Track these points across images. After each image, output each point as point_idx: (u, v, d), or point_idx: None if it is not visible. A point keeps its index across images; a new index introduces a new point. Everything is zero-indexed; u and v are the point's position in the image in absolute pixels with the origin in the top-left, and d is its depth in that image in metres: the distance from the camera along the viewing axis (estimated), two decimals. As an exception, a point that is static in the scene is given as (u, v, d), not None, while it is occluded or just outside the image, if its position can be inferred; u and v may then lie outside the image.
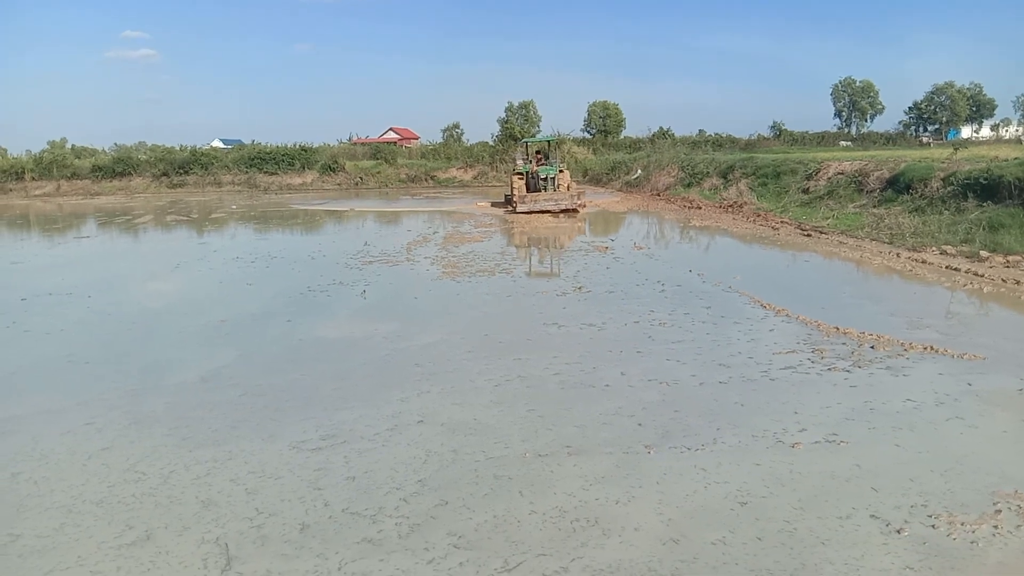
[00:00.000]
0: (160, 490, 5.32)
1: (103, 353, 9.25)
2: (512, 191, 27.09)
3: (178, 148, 52.49)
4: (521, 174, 27.56)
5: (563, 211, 25.41)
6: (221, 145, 69.76)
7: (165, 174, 47.84)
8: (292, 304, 11.68)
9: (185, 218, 29.20)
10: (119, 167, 48.41)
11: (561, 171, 27.53)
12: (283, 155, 49.11)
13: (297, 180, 47.94)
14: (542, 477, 5.43)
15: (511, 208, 26.54)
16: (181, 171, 48.00)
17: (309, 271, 14.88)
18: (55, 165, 48.54)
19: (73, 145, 63.56)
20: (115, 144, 61.64)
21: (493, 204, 30.95)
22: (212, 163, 48.93)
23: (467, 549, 4.48)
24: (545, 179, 26.73)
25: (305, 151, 49.96)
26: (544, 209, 25.33)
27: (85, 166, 49.16)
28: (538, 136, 36.51)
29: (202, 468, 5.67)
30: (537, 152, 29.56)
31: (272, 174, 48.06)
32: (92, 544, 4.61)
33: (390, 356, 8.64)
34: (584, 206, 26.33)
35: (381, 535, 4.66)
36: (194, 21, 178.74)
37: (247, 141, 58.50)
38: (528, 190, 26.68)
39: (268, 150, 50.04)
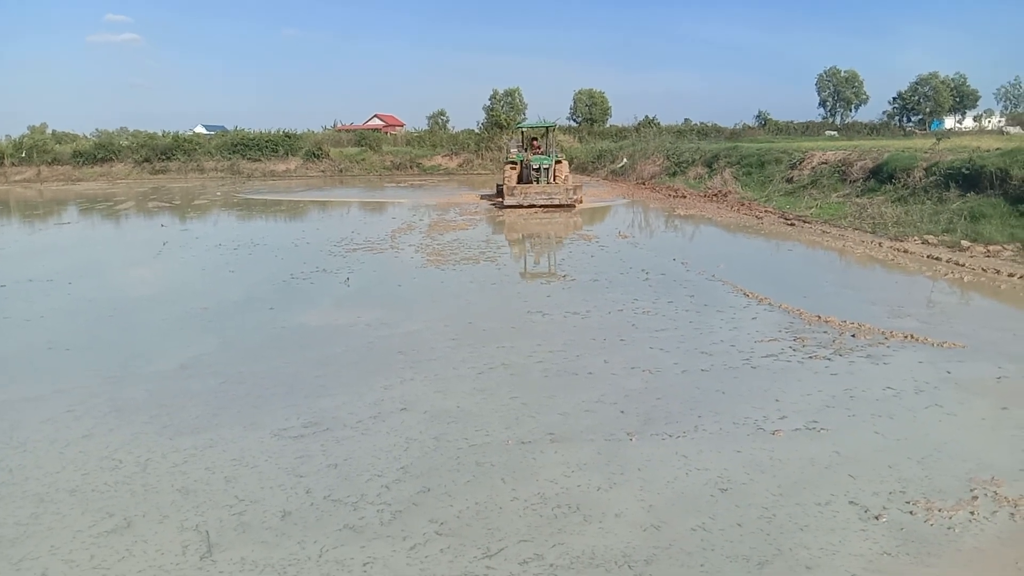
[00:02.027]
0: (139, 478, 5.28)
1: (84, 340, 9.17)
2: (504, 182, 24.77)
3: (160, 134, 51.94)
4: (514, 163, 25.19)
5: (557, 206, 22.96)
6: (204, 131, 69.15)
7: (147, 160, 47.35)
8: (275, 292, 11.60)
9: (167, 204, 28.92)
10: (100, 153, 47.86)
11: (559, 161, 25.01)
12: (267, 141, 48.73)
13: (281, 167, 47.60)
14: (524, 464, 5.43)
15: (501, 200, 24.45)
16: (163, 157, 47.51)
17: (292, 258, 14.79)
18: (35, 150, 47.88)
19: (54, 131, 62.77)
20: (97, 130, 61.07)
21: (482, 197, 28.68)
22: (195, 149, 48.48)
23: (448, 535, 4.48)
24: (538, 169, 23.91)
25: (289, 137, 49.60)
26: (535, 203, 22.95)
27: (66, 152, 48.56)
28: (530, 122, 32.28)
29: (183, 455, 5.63)
30: (533, 139, 26.98)
31: (255, 160, 47.70)
32: (68, 533, 4.57)
33: (373, 344, 8.61)
34: (580, 201, 24.10)
35: (363, 522, 4.65)
36: (178, 5, 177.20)
37: (230, 127, 58.03)
38: (520, 181, 24.35)
39: (251, 136, 49.65)
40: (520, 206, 22.95)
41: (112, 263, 15.56)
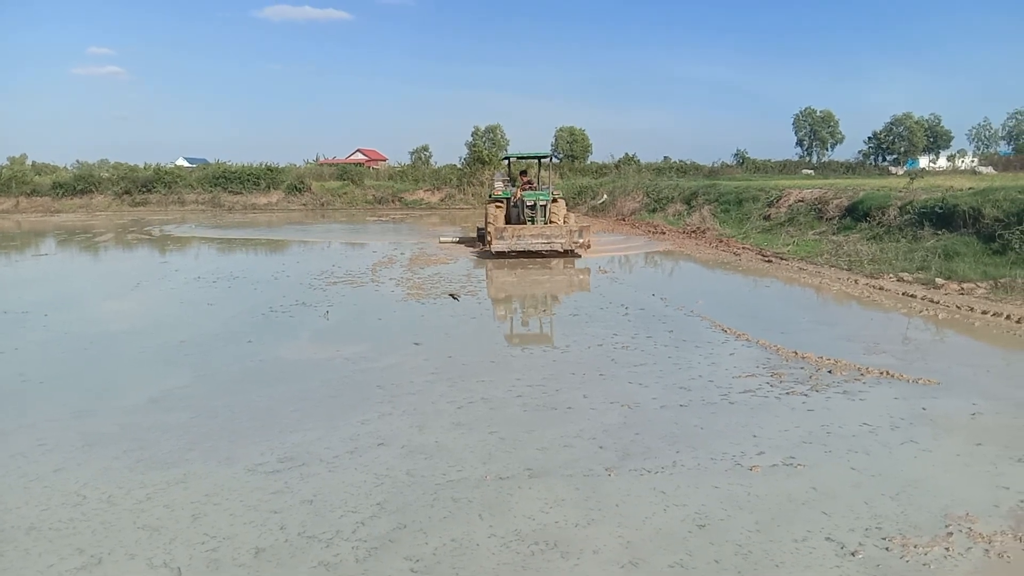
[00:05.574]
0: (107, 513, 5.18)
1: (58, 373, 9.04)
2: (486, 224, 20.37)
3: (141, 166, 51.87)
4: (499, 201, 20.88)
5: (558, 253, 19.33)
6: (185, 163, 69.08)
7: (128, 192, 47.20)
8: (253, 325, 11.53)
9: (147, 237, 28.76)
10: (80, 184, 47.66)
11: (555, 200, 20.54)
12: (248, 174, 48.69)
13: (262, 200, 47.55)
14: (501, 500, 5.39)
15: (484, 246, 20.37)
16: (144, 189, 47.39)
17: (272, 291, 14.71)
18: (14, 181, 47.60)
19: (33, 162, 62.53)
20: (77, 161, 60.87)
21: (461, 241, 24.42)
22: (176, 181, 48.37)
23: (423, 573, 4.42)
24: (533, 207, 19.86)
25: (271, 171, 49.59)
26: (530, 249, 18.99)
27: (45, 183, 48.33)
28: (520, 152, 24.74)
29: (153, 491, 5.53)
30: (522, 173, 22.47)
31: (237, 193, 47.61)
32: (31, 572, 4.46)
33: (351, 377, 8.56)
34: (589, 246, 19.48)
35: (337, 559, 4.59)
36: (162, 39, 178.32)
37: (212, 160, 57.96)
38: (509, 221, 20.29)
39: (233, 169, 49.58)
40: (511, 252, 18.98)
41: (89, 295, 15.39)
